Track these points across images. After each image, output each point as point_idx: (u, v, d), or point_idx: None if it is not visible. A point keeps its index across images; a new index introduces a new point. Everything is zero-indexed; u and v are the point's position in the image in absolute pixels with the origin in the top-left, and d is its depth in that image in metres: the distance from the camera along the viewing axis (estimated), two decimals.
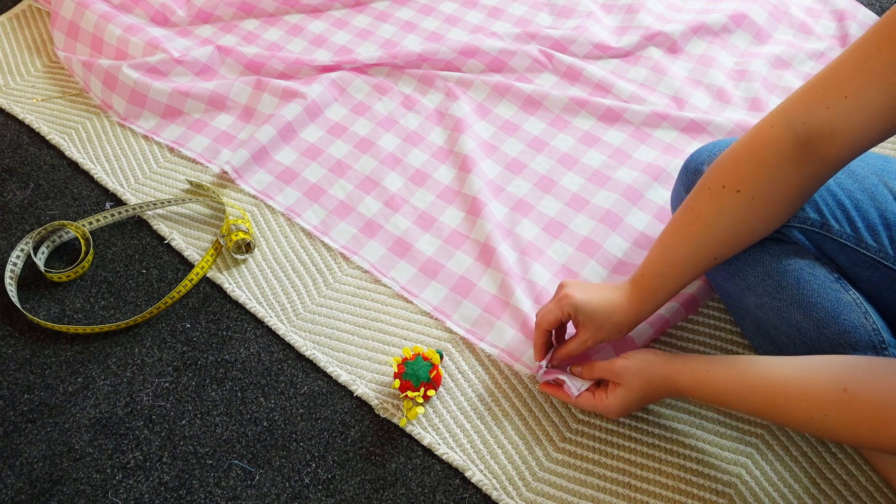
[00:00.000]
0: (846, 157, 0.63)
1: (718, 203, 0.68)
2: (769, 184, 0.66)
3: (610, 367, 0.74)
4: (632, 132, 1.03)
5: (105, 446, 0.80)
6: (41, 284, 0.93)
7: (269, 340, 0.88)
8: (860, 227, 0.71)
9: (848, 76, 0.59)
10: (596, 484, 0.76)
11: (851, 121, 0.60)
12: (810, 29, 1.16)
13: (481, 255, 0.92)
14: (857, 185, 0.72)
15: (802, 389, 0.61)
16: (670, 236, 0.72)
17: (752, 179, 0.66)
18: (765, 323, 0.75)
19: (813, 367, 0.62)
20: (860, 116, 0.59)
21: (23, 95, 1.14)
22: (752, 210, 0.67)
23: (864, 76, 0.58)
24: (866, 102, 0.58)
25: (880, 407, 0.56)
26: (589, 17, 1.17)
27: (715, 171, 0.69)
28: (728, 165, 0.68)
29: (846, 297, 0.70)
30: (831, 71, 0.61)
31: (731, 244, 0.70)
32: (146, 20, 1.21)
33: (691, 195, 0.71)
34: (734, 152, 0.68)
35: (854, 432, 0.58)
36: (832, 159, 0.63)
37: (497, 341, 0.85)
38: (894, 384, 0.56)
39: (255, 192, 1.00)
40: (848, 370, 0.59)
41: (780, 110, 0.65)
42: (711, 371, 0.68)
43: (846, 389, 0.58)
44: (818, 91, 0.61)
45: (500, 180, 0.99)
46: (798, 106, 0.63)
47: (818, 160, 0.63)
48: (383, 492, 0.76)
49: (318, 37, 1.19)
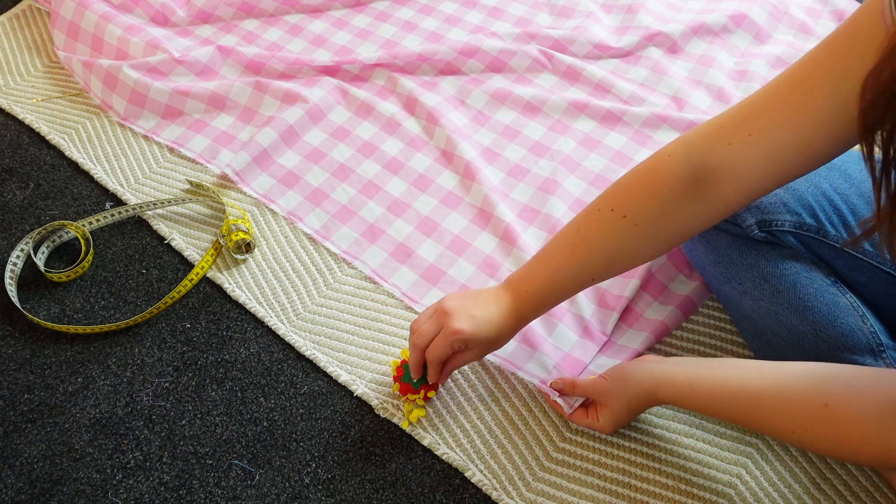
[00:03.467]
0: (735, 201, 0.62)
1: (605, 227, 0.67)
2: (656, 213, 0.65)
3: (592, 388, 0.74)
4: (632, 135, 1.03)
5: (105, 446, 0.80)
6: (41, 284, 0.93)
7: (269, 340, 0.88)
8: (856, 232, 0.70)
9: (756, 114, 0.58)
10: (596, 484, 0.76)
11: (750, 161, 0.59)
12: (810, 29, 1.16)
13: (484, 264, 0.92)
14: (854, 189, 0.72)
15: (784, 404, 0.60)
16: (556, 254, 0.71)
17: (640, 207, 0.65)
18: (762, 327, 0.75)
19: (795, 378, 0.60)
20: (760, 157, 0.58)
21: (23, 95, 1.14)
22: (635, 237, 0.67)
23: (771, 117, 0.57)
24: (769, 143, 0.57)
25: (860, 423, 0.55)
26: (589, 17, 1.17)
27: (607, 194, 0.68)
28: (620, 190, 0.67)
29: (843, 300, 0.70)
30: (741, 108, 0.60)
31: (609, 267, 0.70)
32: (146, 20, 1.21)
33: (582, 214, 0.70)
34: (628, 178, 0.67)
35: (834, 447, 0.58)
36: (722, 200, 0.62)
37: (499, 350, 0.85)
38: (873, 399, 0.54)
39: (257, 195, 0.99)
40: (829, 383, 0.58)
41: (681, 141, 0.64)
42: (692, 384, 0.66)
43: (827, 405, 0.56)
44: (724, 126, 0.61)
45: (503, 186, 0.99)
46: (700, 139, 0.62)
47: (708, 199, 0.62)
48: (383, 492, 0.76)
49: (318, 37, 1.19)
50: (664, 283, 0.88)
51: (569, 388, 0.76)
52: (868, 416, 0.54)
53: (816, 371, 0.60)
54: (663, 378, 0.69)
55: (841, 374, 0.58)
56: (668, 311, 0.85)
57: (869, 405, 0.54)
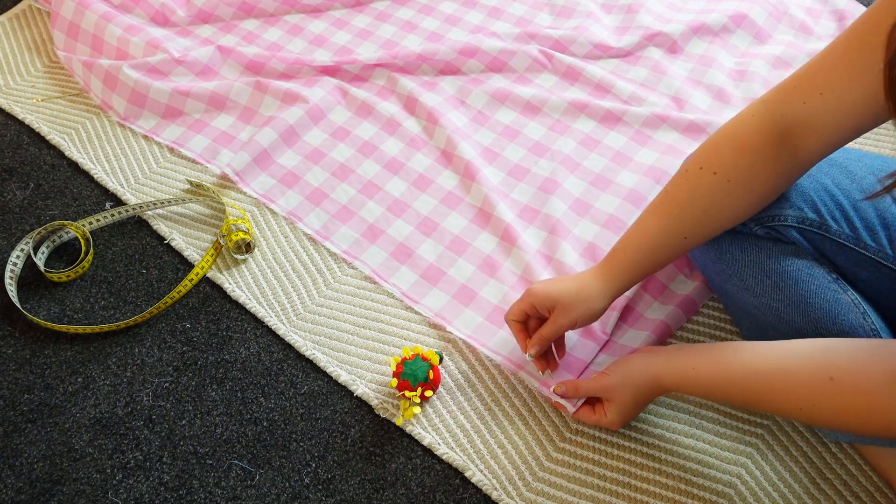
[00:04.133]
0: (818, 152, 0.65)
1: (695, 184, 0.69)
2: (746, 168, 0.67)
3: (595, 386, 0.75)
4: (632, 135, 1.03)
5: (105, 446, 0.80)
6: (41, 284, 0.93)
7: (269, 340, 0.88)
8: (858, 227, 0.71)
9: (824, 73, 0.61)
10: (596, 484, 0.76)
11: (824, 116, 0.62)
12: (810, 29, 1.16)
13: (484, 264, 0.92)
14: (855, 185, 0.72)
15: (790, 381, 0.61)
16: (644, 216, 0.73)
17: (730, 162, 0.68)
18: (763, 323, 0.75)
19: (798, 354, 0.62)
20: (833, 113, 0.61)
21: (23, 95, 1.14)
22: (726, 192, 0.68)
23: (839, 75, 0.60)
24: (839, 100, 0.60)
25: (866, 394, 0.56)
26: (589, 17, 1.17)
27: (694, 156, 0.71)
28: (707, 149, 0.70)
29: (844, 297, 0.70)
30: (810, 67, 0.63)
31: (702, 224, 0.71)
32: (146, 20, 1.21)
33: (669, 181, 0.72)
34: (714, 138, 0.70)
35: (842, 419, 0.59)
36: (805, 153, 0.65)
37: (500, 348, 0.85)
38: (878, 369, 0.56)
39: (257, 195, 0.99)
40: (833, 357, 0.59)
41: (761, 101, 0.67)
42: (696, 367, 0.67)
43: (832, 378, 0.58)
44: (797, 85, 0.63)
45: (503, 186, 0.99)
46: (777, 98, 0.65)
47: (792, 152, 0.65)
48: (383, 492, 0.76)
49: (318, 37, 1.19)
50: (664, 283, 0.88)
51: (572, 391, 0.76)
52: (876, 386, 0.55)
53: (819, 346, 0.61)
54: (666, 364, 0.70)
55: (843, 348, 0.59)
56: (669, 311, 0.85)
57: (875, 375, 0.55)
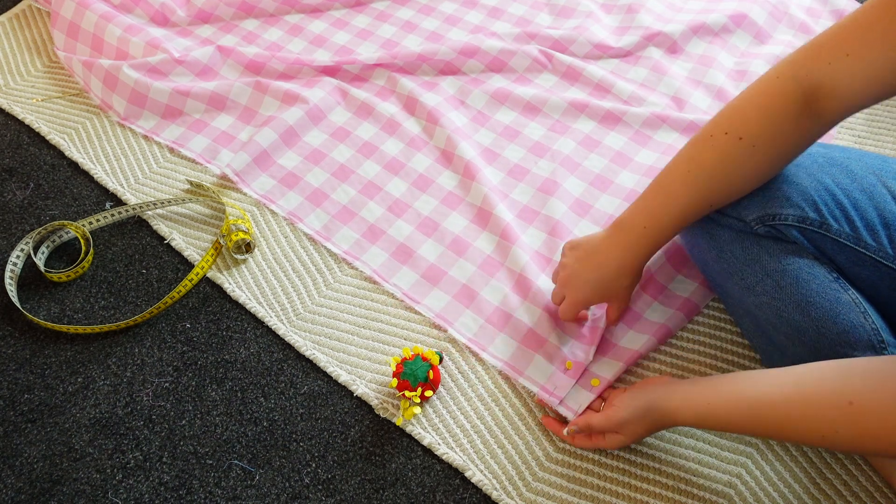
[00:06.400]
0: (841, 115, 0.65)
1: (721, 150, 0.69)
2: (774, 133, 0.67)
3: (607, 423, 0.74)
4: (632, 135, 1.03)
5: (105, 446, 0.80)
6: (41, 284, 0.93)
7: (269, 340, 0.88)
8: (859, 227, 0.71)
9: (851, 36, 0.61)
10: (596, 484, 0.76)
11: (850, 79, 0.62)
12: (810, 29, 1.16)
13: (485, 264, 0.92)
14: (856, 184, 0.72)
15: (809, 411, 0.59)
16: (671, 183, 0.73)
17: (756, 127, 0.67)
18: (764, 322, 0.75)
19: (814, 381, 0.60)
20: (858, 76, 0.61)
21: (23, 95, 1.14)
22: (753, 158, 0.69)
23: (866, 38, 0.60)
24: (866, 63, 0.60)
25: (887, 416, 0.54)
26: (589, 17, 1.17)
27: (717, 119, 0.70)
28: (732, 113, 0.69)
29: (845, 296, 0.70)
30: (837, 30, 0.63)
31: (728, 191, 0.72)
32: (146, 20, 1.21)
33: (690, 144, 0.72)
34: (738, 101, 0.69)
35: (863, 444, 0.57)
36: (828, 115, 0.65)
37: (500, 353, 0.85)
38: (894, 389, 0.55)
39: (258, 195, 0.99)
40: (850, 380, 0.57)
41: (786, 63, 0.67)
42: (711, 403, 0.66)
43: (852, 403, 0.56)
44: (823, 47, 0.64)
45: (503, 186, 0.99)
46: (803, 59, 0.65)
47: (816, 113, 0.65)
48: (383, 492, 0.76)
49: (318, 37, 1.19)
50: (664, 283, 0.88)
51: (584, 427, 0.76)
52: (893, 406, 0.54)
53: (832, 369, 0.60)
54: (682, 403, 0.69)
55: (857, 369, 0.58)
56: (670, 314, 0.85)
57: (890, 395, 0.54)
